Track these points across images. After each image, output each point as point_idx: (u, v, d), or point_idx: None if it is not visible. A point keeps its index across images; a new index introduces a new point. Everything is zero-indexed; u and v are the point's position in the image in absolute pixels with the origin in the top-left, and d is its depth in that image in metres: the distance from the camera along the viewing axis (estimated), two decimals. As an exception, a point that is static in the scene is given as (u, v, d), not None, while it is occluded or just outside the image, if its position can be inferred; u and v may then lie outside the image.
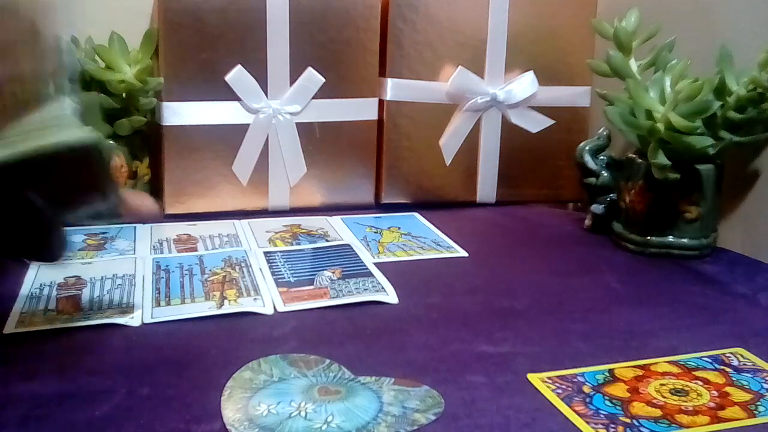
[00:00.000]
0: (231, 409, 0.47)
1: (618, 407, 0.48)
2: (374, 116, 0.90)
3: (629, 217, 0.78)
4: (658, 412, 0.48)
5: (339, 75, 0.88)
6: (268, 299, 0.63)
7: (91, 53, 0.82)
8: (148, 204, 0.55)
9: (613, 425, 0.46)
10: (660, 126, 0.71)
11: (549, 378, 0.52)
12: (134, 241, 0.76)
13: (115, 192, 0.51)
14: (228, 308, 0.61)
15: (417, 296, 0.65)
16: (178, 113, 0.83)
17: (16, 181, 0.45)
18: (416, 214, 0.89)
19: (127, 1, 0.87)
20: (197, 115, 0.84)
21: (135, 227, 0.80)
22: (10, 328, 0.57)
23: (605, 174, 0.82)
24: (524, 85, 0.92)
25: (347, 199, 0.91)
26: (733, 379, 0.52)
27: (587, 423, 0.46)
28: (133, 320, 0.59)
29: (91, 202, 0.50)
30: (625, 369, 0.53)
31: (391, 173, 0.91)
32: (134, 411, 0.47)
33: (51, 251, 0.50)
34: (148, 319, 0.59)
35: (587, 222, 0.84)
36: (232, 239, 0.78)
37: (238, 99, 0.85)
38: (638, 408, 0.48)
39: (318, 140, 0.89)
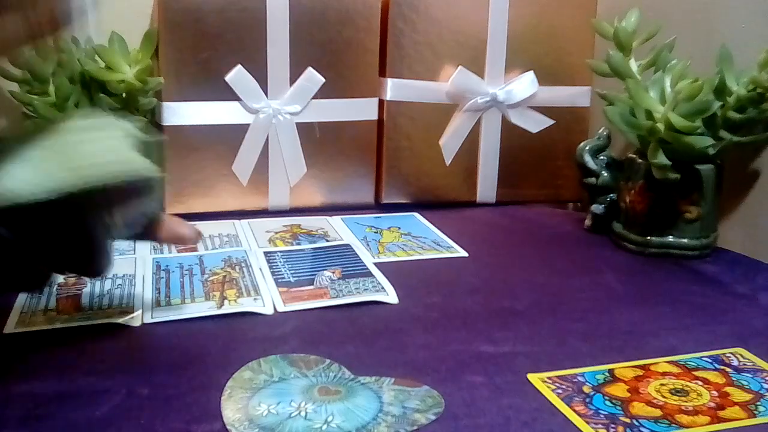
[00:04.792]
0: (231, 409, 0.47)
1: (618, 407, 0.48)
2: (374, 116, 0.90)
3: (629, 217, 0.78)
4: (658, 412, 0.48)
5: (339, 75, 0.88)
6: (268, 299, 0.63)
7: (91, 53, 0.82)
8: (187, 232, 0.56)
9: (613, 425, 0.46)
10: (660, 126, 0.71)
11: (549, 378, 0.52)
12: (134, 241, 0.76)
13: (159, 218, 0.55)
14: (228, 308, 0.61)
15: (417, 296, 0.65)
16: (178, 113, 0.83)
17: (82, 206, 0.47)
18: (416, 214, 0.89)
19: (127, 1, 0.87)
20: (197, 115, 0.84)
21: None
22: (10, 328, 0.57)
23: (605, 174, 0.82)
24: (524, 85, 0.92)
25: (347, 199, 0.91)
26: (733, 379, 0.52)
27: (587, 423, 0.46)
28: (133, 320, 0.59)
29: (138, 225, 0.52)
30: (625, 369, 0.53)
31: (391, 173, 0.91)
32: (134, 411, 0.47)
33: (98, 267, 0.51)
34: (148, 319, 0.59)
35: (587, 222, 0.84)
36: (232, 239, 0.78)
37: (238, 99, 0.85)
38: (638, 408, 0.48)
39: (318, 140, 0.89)
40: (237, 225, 0.83)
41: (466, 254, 0.76)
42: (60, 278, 0.65)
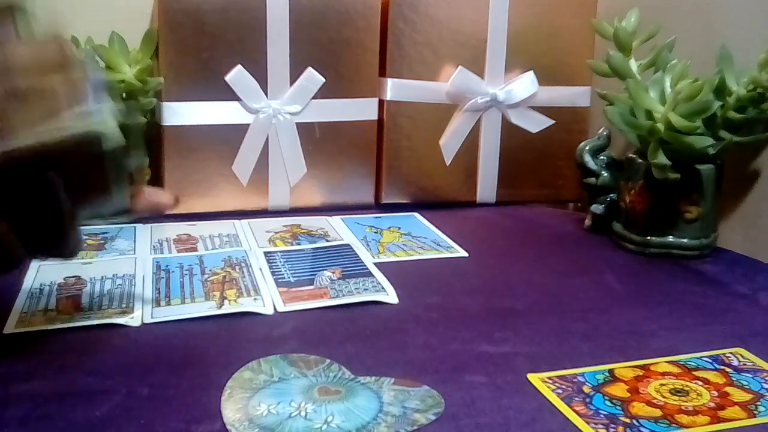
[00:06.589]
0: (231, 409, 0.47)
1: (618, 407, 0.48)
2: (374, 116, 0.90)
3: (629, 217, 0.78)
4: (658, 412, 0.48)
5: (339, 75, 0.88)
6: (268, 299, 0.63)
7: (91, 53, 0.82)
8: (164, 200, 0.55)
9: (613, 425, 0.46)
10: (660, 126, 0.71)
11: (549, 378, 0.52)
12: (134, 241, 0.76)
13: (127, 191, 0.52)
14: (228, 308, 0.61)
15: (417, 296, 0.65)
16: (178, 113, 0.83)
17: (39, 167, 0.45)
18: (416, 214, 0.89)
19: (127, 1, 0.87)
20: (197, 115, 0.84)
21: (135, 227, 0.80)
22: (10, 328, 0.57)
23: (605, 174, 0.82)
24: (524, 85, 0.92)
25: (347, 199, 0.91)
26: (733, 379, 0.52)
27: (587, 423, 0.46)
28: (133, 320, 0.59)
29: (104, 199, 0.50)
30: (625, 369, 0.53)
31: (391, 173, 0.91)
32: (134, 411, 0.47)
33: (67, 247, 0.50)
34: (148, 319, 0.59)
35: (587, 222, 0.84)
36: (232, 239, 0.78)
37: (238, 99, 0.85)
38: (638, 408, 0.48)
39: (318, 140, 0.89)
40: (237, 225, 0.83)
41: (466, 254, 0.76)
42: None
